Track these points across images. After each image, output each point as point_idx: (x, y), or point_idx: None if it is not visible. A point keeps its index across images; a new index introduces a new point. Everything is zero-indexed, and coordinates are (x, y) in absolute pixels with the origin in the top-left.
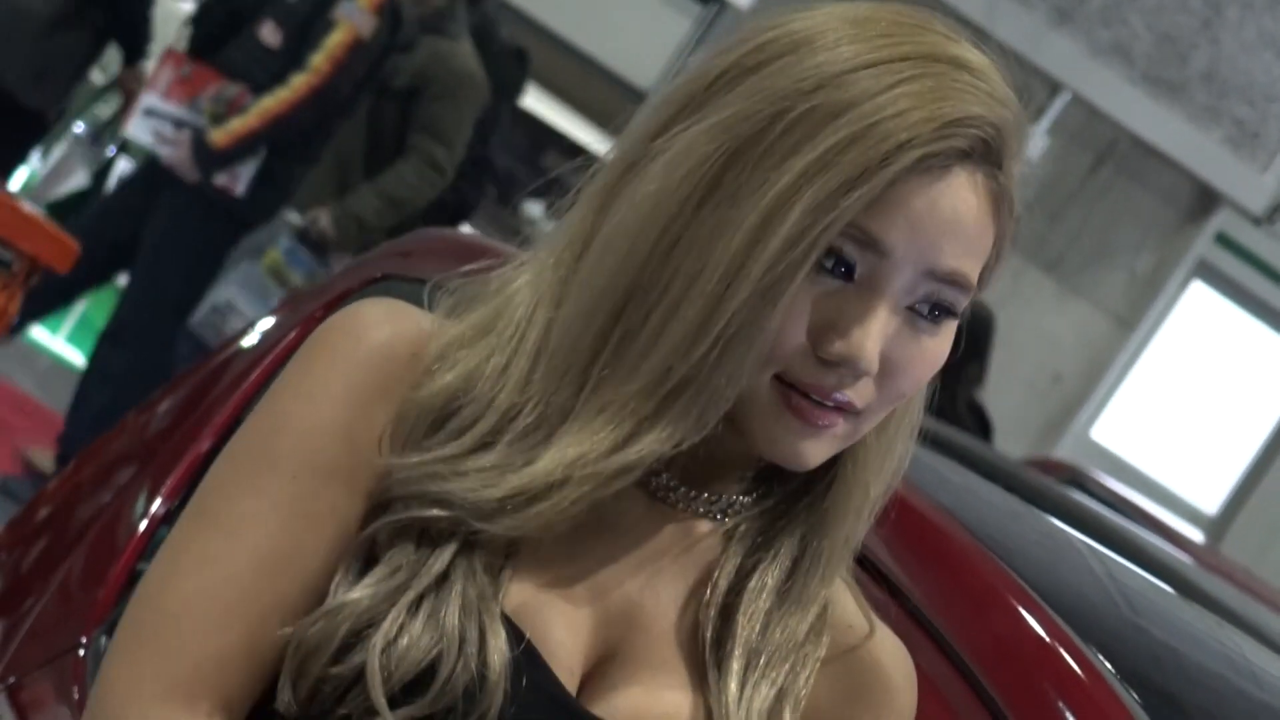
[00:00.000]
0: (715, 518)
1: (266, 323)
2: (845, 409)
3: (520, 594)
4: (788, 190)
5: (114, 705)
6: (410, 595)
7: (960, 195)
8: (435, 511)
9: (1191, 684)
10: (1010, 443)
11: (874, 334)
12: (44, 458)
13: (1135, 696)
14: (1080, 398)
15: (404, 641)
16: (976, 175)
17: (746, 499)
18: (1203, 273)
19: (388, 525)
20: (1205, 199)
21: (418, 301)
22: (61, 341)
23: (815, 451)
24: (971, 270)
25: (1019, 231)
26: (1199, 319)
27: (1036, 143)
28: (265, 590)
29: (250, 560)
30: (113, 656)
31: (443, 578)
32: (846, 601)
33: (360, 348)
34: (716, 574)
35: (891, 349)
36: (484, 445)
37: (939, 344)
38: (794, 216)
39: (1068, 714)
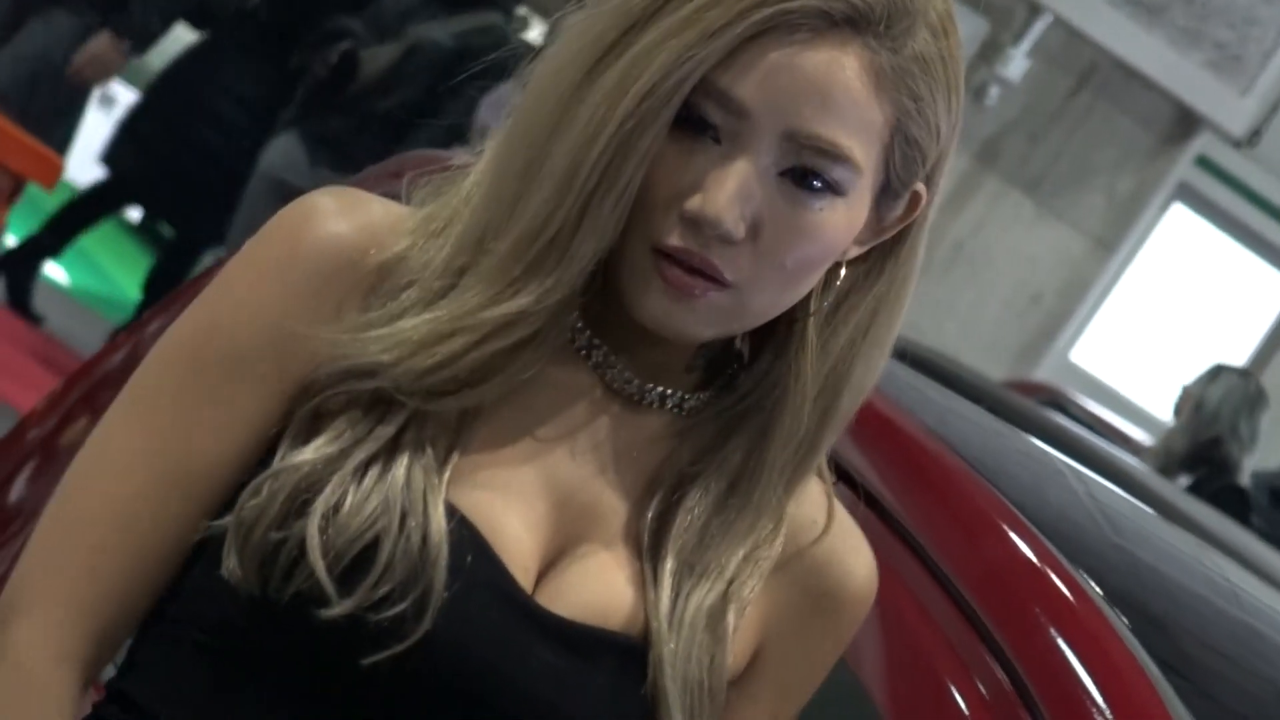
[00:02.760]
0: (671, 412)
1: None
2: (716, 279)
3: (474, 486)
4: (650, 46)
5: (17, 599)
6: (354, 461)
7: (824, 59)
8: (365, 382)
9: (1173, 604)
10: (989, 364)
11: (729, 191)
12: None
13: (1124, 620)
14: (1060, 319)
15: (346, 509)
16: (851, 44)
17: (701, 395)
18: (1183, 195)
19: (331, 397)
20: (1186, 122)
21: None
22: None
23: (688, 319)
24: (845, 140)
25: (998, 153)
26: (1179, 242)
27: (1017, 64)
28: (174, 502)
29: (163, 472)
30: (34, 549)
31: (390, 448)
32: (813, 498)
33: (306, 240)
34: (660, 477)
35: (763, 215)
36: (400, 314)
37: (821, 218)
38: (651, 70)
39: (1057, 637)
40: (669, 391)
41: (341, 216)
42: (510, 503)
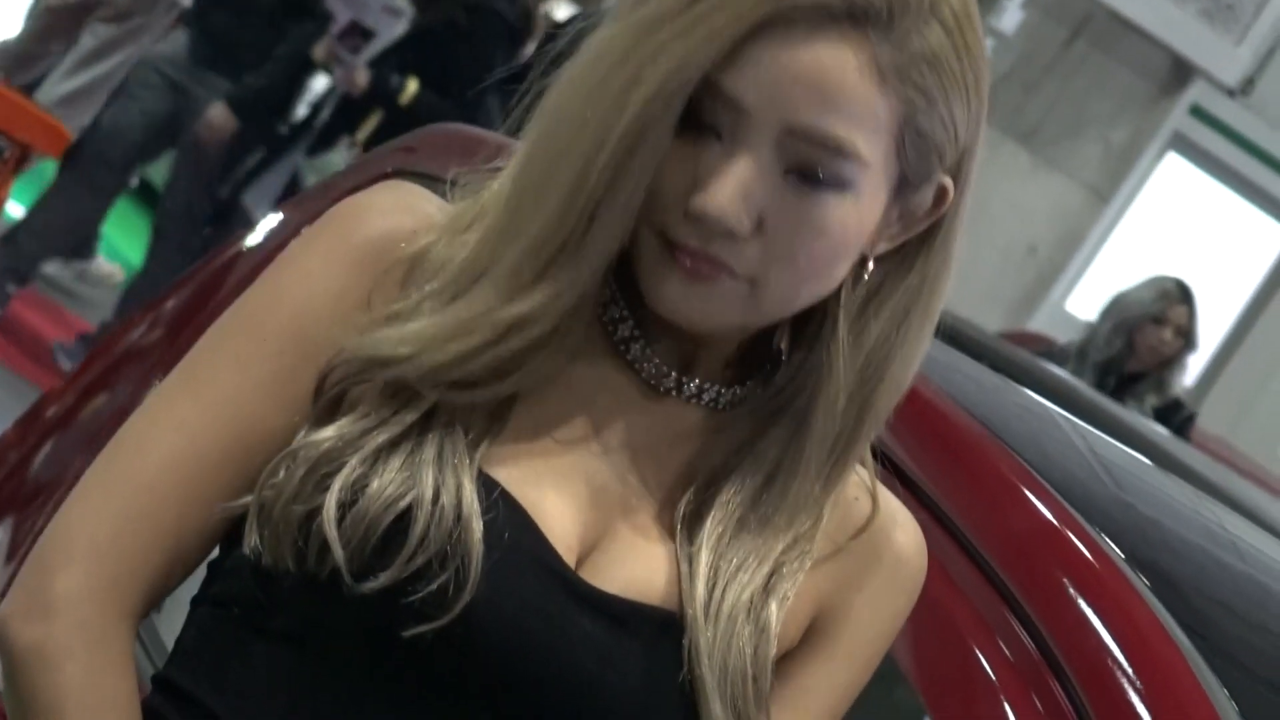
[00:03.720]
0: (706, 406)
1: (272, 220)
2: (724, 267)
3: (512, 468)
4: (653, 51)
5: (59, 552)
6: (376, 442)
7: (821, 53)
8: (384, 371)
9: (1176, 557)
10: (985, 315)
11: (729, 188)
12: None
13: (1144, 579)
14: (1055, 270)
15: (373, 484)
16: (850, 38)
17: (737, 390)
18: (1177, 145)
19: (354, 383)
20: (1180, 71)
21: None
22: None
23: (705, 307)
24: (845, 134)
25: (993, 104)
26: (1174, 191)
27: (1011, 15)
28: (229, 470)
29: (221, 436)
30: (76, 502)
31: (419, 430)
32: (852, 477)
33: (360, 232)
34: (693, 471)
35: (769, 211)
36: (416, 311)
37: (828, 213)
38: (653, 75)
39: (1083, 603)
40: (705, 385)
41: (395, 211)
42: (549, 485)
